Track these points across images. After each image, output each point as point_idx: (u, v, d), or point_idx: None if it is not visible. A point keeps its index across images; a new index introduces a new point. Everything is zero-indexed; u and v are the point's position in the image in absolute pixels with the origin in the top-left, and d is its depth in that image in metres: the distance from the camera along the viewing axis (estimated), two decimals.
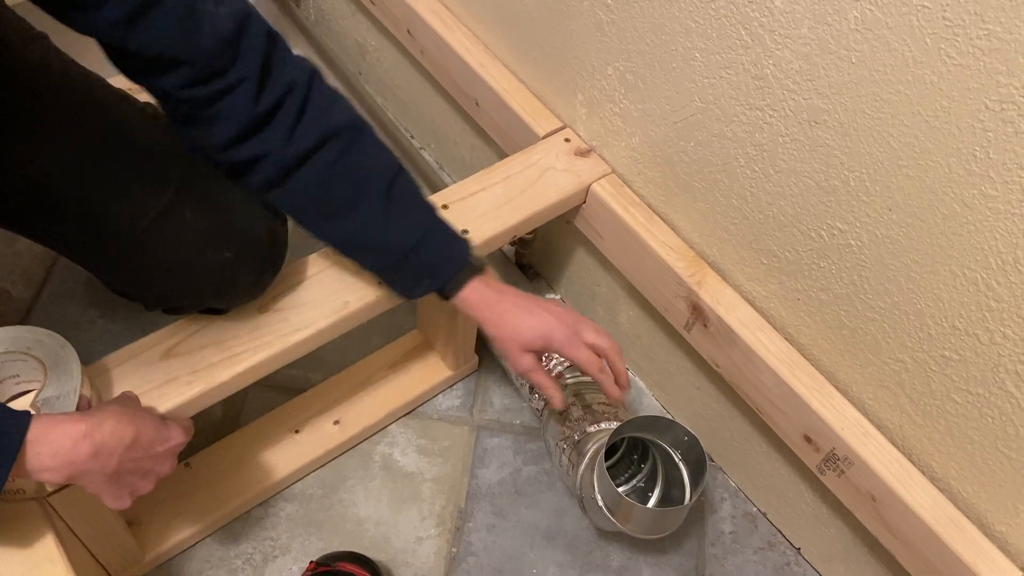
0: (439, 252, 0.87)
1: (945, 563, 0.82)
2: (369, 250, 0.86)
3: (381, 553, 1.05)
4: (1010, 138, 0.64)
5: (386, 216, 0.83)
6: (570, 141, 1.10)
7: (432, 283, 0.87)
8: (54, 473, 0.66)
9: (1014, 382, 0.74)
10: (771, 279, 0.94)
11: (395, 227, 0.84)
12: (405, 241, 0.84)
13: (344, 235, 0.85)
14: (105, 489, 0.71)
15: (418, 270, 0.86)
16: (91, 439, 0.67)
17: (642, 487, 1.11)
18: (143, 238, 0.81)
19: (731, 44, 0.83)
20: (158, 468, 0.76)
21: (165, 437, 0.75)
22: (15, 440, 0.64)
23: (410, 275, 0.87)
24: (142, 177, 0.82)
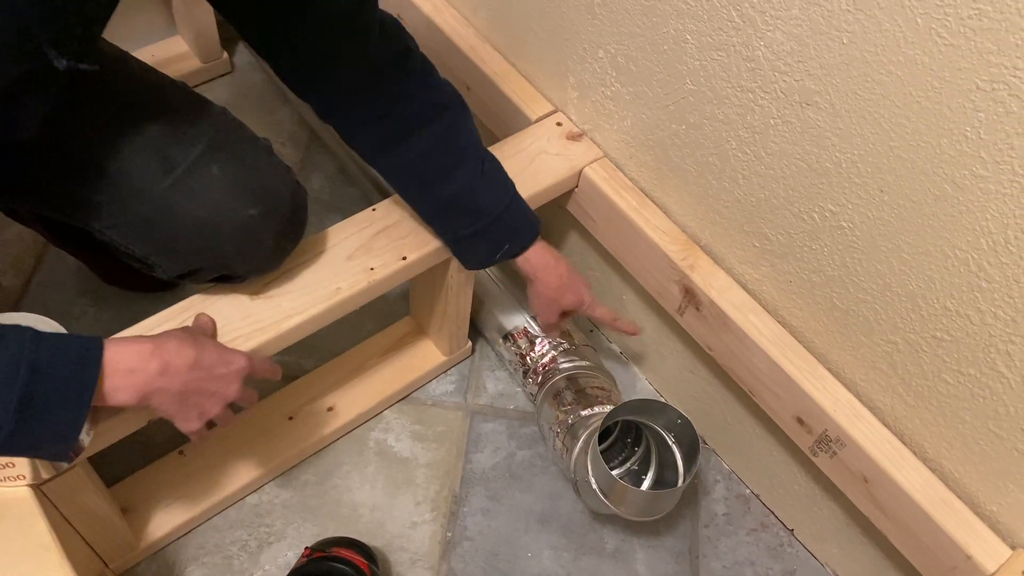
0: (522, 218, 0.96)
1: (937, 542, 0.83)
2: (463, 214, 0.93)
3: (376, 538, 1.05)
4: (1001, 118, 0.64)
5: (483, 181, 0.93)
6: (562, 125, 1.10)
7: (511, 248, 0.96)
8: (128, 392, 0.68)
9: (1005, 362, 0.74)
10: (763, 262, 0.94)
11: (489, 192, 0.93)
12: (495, 206, 0.93)
13: (443, 200, 0.92)
14: (175, 409, 0.74)
15: (502, 235, 0.95)
16: (158, 356, 0.70)
17: (636, 470, 1.11)
18: (169, 193, 0.82)
19: (722, 26, 0.82)
20: (224, 390, 0.77)
21: (228, 360, 0.77)
22: (94, 363, 0.65)
23: (494, 240, 0.95)
24: (170, 136, 0.83)
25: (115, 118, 0.83)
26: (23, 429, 0.62)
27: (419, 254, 0.94)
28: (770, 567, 1.09)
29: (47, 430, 0.65)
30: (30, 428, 0.63)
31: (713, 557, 1.09)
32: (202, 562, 1.02)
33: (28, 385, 0.61)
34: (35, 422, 0.63)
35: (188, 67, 1.49)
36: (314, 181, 1.42)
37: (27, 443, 0.65)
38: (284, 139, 1.47)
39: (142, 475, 1.04)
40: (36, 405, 0.62)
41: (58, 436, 0.66)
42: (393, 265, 0.93)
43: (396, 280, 0.95)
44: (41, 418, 0.63)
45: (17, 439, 0.63)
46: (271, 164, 0.89)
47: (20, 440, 0.63)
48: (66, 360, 0.65)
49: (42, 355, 0.63)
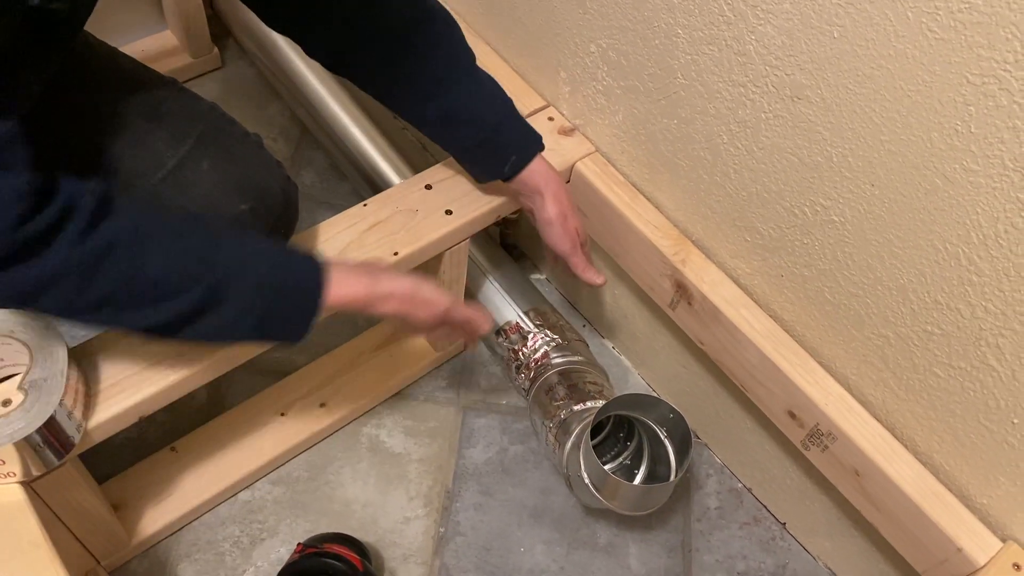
0: (523, 129, 0.94)
1: (928, 535, 0.83)
2: (464, 125, 0.92)
3: (369, 534, 1.05)
4: (991, 112, 0.65)
5: (481, 92, 0.92)
6: (553, 120, 1.10)
7: (518, 159, 0.93)
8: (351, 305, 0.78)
9: (995, 355, 0.74)
10: (755, 256, 0.94)
11: (488, 103, 0.92)
12: (496, 115, 0.92)
13: (442, 112, 0.91)
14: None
15: (506, 145, 0.93)
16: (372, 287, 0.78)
17: (628, 464, 1.11)
18: (160, 188, 0.82)
19: (713, 20, 0.82)
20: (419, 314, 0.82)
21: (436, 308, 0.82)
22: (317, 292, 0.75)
23: (500, 151, 0.93)
24: (162, 131, 0.83)
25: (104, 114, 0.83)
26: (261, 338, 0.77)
27: (411, 249, 0.94)
28: (762, 561, 1.09)
29: (284, 336, 0.77)
30: (268, 336, 0.76)
31: (705, 551, 1.09)
32: (194, 559, 1.01)
33: (260, 317, 0.73)
34: (271, 335, 0.76)
35: (178, 62, 1.48)
36: (305, 176, 1.42)
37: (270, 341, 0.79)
38: (275, 134, 1.46)
39: (134, 472, 1.03)
40: (268, 326, 0.74)
41: (294, 335, 0.76)
42: (384, 260, 0.93)
43: None
44: (276, 333, 0.76)
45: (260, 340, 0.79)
46: (262, 159, 0.89)
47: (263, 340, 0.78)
48: (289, 311, 0.75)
49: (276, 295, 0.74)
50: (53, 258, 0.64)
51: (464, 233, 0.99)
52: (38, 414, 0.71)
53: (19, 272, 0.63)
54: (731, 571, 1.08)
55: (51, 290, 0.65)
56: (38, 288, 0.64)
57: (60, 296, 0.65)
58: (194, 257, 0.71)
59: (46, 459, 0.75)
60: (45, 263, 0.63)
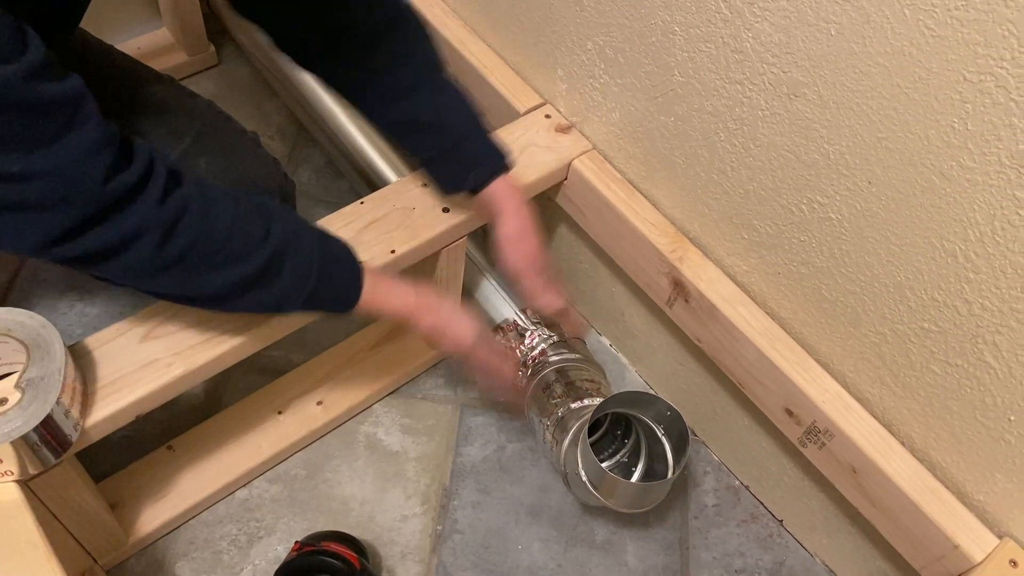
0: (491, 143, 0.92)
1: (924, 532, 0.83)
2: (429, 132, 0.90)
3: (366, 532, 1.05)
4: (988, 109, 0.65)
5: (449, 101, 0.90)
6: (551, 117, 1.10)
7: (483, 171, 0.91)
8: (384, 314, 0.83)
9: (992, 353, 0.75)
10: (752, 254, 0.94)
11: (456, 111, 0.90)
12: (462, 127, 0.90)
13: (410, 115, 0.89)
14: None
15: (469, 157, 0.91)
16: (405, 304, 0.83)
17: (625, 462, 1.11)
18: None
19: (710, 17, 0.82)
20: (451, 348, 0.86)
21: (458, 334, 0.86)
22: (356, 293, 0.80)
23: (462, 162, 0.91)
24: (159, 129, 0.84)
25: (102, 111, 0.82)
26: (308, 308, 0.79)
27: (408, 247, 0.94)
28: (760, 558, 1.09)
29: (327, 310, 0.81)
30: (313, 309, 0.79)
31: (703, 548, 1.10)
32: (191, 557, 1.01)
33: (315, 284, 0.77)
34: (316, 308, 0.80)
35: (174, 60, 1.48)
36: (302, 174, 1.41)
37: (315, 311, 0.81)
38: (272, 132, 1.46)
39: (131, 470, 1.03)
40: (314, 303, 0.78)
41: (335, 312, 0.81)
42: (382, 258, 0.93)
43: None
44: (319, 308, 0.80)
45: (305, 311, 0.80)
46: (258, 157, 0.89)
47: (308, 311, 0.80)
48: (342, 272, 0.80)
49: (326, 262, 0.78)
50: (140, 212, 0.66)
51: (461, 231, 0.99)
52: (35, 413, 0.71)
53: (108, 227, 0.65)
54: (728, 568, 1.08)
55: (136, 243, 0.67)
56: (123, 244, 0.67)
57: (143, 251, 0.68)
58: (256, 223, 0.74)
59: (43, 458, 0.75)
60: (133, 216, 0.66)
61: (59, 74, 0.62)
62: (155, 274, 0.70)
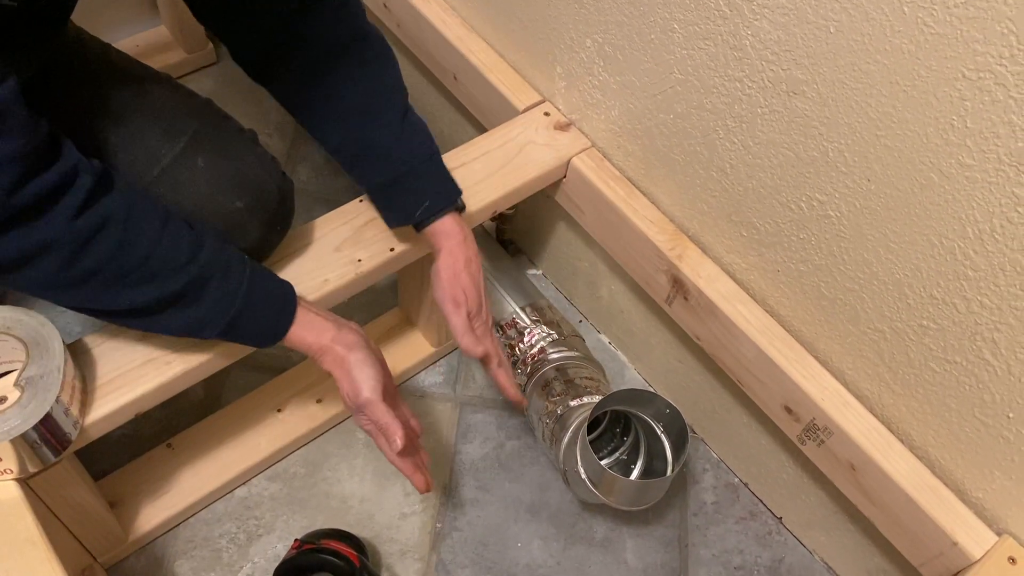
0: (442, 179, 0.90)
1: (923, 529, 0.83)
2: (381, 159, 0.87)
3: (365, 530, 1.05)
4: (987, 107, 0.65)
5: (402, 129, 0.87)
6: (550, 115, 1.10)
7: (432, 206, 0.88)
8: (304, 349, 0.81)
9: (991, 350, 0.75)
10: (751, 251, 0.94)
11: (408, 141, 0.88)
12: (415, 156, 0.87)
13: (360, 140, 0.87)
14: None
15: (422, 188, 0.88)
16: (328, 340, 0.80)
17: (625, 459, 1.11)
18: (154, 186, 0.82)
19: (709, 15, 0.82)
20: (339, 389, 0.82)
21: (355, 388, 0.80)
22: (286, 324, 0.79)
23: (413, 193, 0.88)
24: (156, 128, 0.83)
25: (98, 111, 0.82)
26: (228, 339, 0.77)
27: (407, 245, 0.94)
28: (759, 555, 1.10)
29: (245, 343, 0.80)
30: (232, 339, 0.78)
31: (702, 545, 1.10)
32: (191, 555, 1.01)
33: (236, 314, 0.75)
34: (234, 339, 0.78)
35: (172, 58, 1.48)
36: (301, 172, 1.41)
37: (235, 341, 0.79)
38: (270, 130, 1.46)
39: (130, 469, 1.03)
40: (236, 332, 0.77)
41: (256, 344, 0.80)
42: (381, 256, 0.93)
43: (384, 271, 0.94)
44: (238, 339, 0.78)
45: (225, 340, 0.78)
46: (257, 156, 0.88)
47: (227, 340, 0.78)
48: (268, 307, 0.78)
49: (253, 295, 0.76)
50: (48, 227, 0.64)
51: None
52: (34, 411, 0.71)
53: (11, 238, 0.63)
54: (727, 565, 1.08)
55: (40, 259, 0.65)
56: (26, 256, 0.65)
57: (48, 267, 0.66)
58: (182, 247, 0.72)
59: (42, 456, 0.75)
60: (39, 231, 0.64)
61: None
62: (66, 288, 0.68)
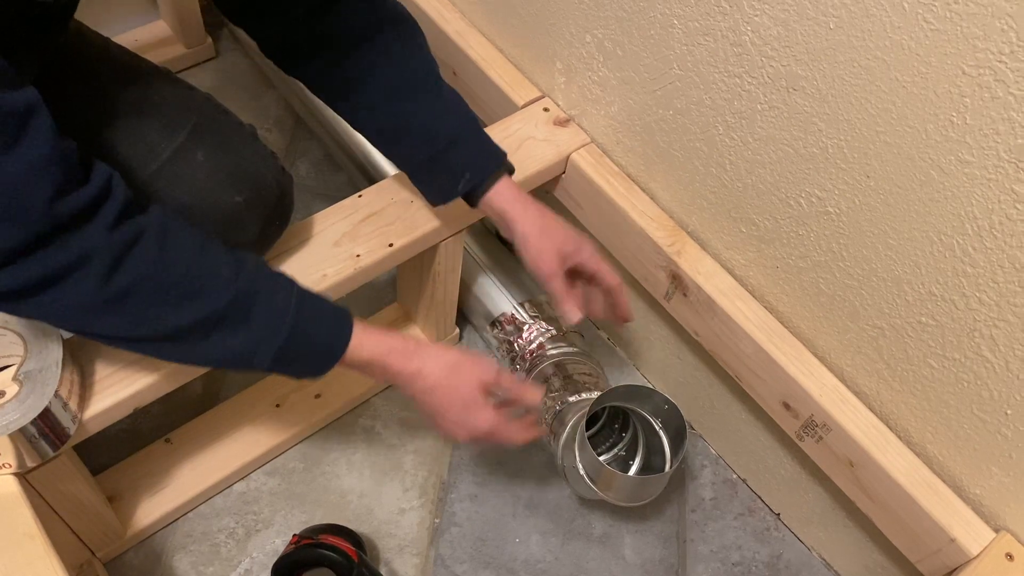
0: (484, 147, 0.88)
1: (921, 525, 0.83)
2: (418, 136, 0.86)
3: (364, 525, 1.05)
4: (986, 103, 0.65)
5: (438, 106, 0.86)
6: (549, 111, 1.09)
7: (473, 177, 0.87)
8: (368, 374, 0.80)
9: (989, 347, 0.75)
10: (750, 248, 0.94)
11: (444, 117, 0.86)
12: (453, 131, 0.86)
13: (396, 118, 0.86)
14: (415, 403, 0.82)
15: (461, 162, 0.87)
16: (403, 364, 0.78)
17: (623, 455, 1.11)
18: (153, 180, 0.82)
19: (709, 10, 0.82)
20: (453, 431, 0.82)
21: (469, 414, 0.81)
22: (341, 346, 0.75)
23: (453, 167, 0.87)
24: (155, 122, 0.83)
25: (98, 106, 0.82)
26: (277, 368, 0.73)
27: (406, 240, 0.94)
28: (757, 551, 1.10)
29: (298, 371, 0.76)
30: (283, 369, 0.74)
31: (700, 541, 1.10)
32: (189, 550, 1.01)
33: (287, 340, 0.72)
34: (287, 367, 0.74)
35: (172, 52, 1.48)
36: (300, 167, 1.41)
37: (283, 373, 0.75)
38: (270, 125, 1.46)
39: (129, 463, 1.03)
40: (289, 356, 0.73)
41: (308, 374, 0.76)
42: (380, 251, 0.93)
43: (383, 267, 0.94)
44: (291, 365, 0.74)
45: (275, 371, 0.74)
46: (256, 150, 0.88)
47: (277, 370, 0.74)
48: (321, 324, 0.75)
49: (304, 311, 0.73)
50: (87, 238, 0.62)
51: (460, 224, 0.99)
52: (33, 405, 0.71)
53: (50, 252, 0.61)
54: (726, 561, 1.09)
55: (77, 274, 0.62)
56: (66, 270, 0.62)
57: (83, 284, 0.63)
58: (222, 261, 0.70)
59: (41, 450, 0.75)
60: (77, 243, 0.61)
61: (12, 83, 0.58)
62: (99, 310, 0.64)
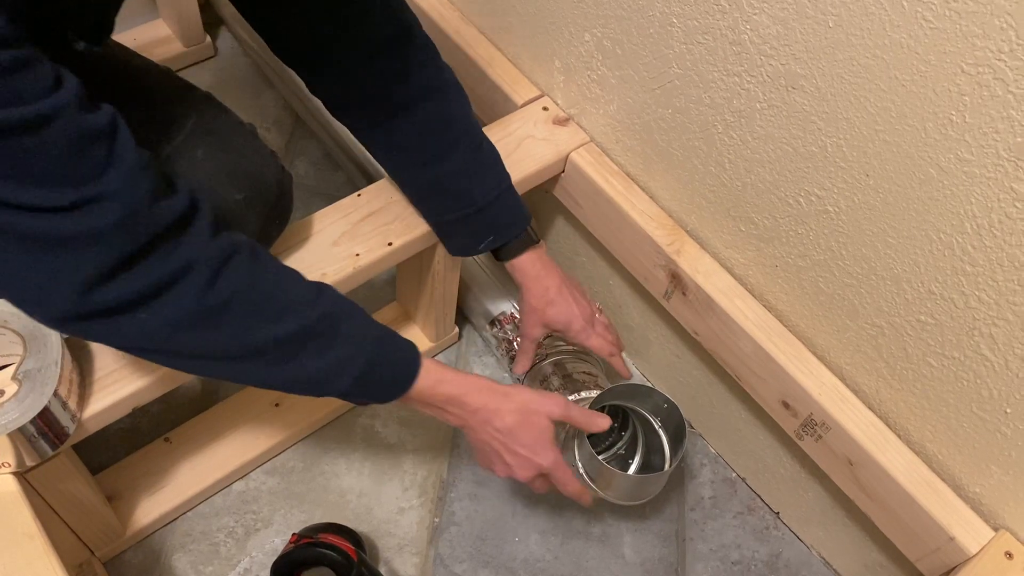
0: (510, 213, 0.94)
1: (920, 524, 0.83)
2: (451, 197, 0.91)
3: (364, 524, 1.05)
4: (985, 102, 0.65)
5: (474, 168, 0.91)
6: (548, 110, 1.09)
7: (495, 240, 0.94)
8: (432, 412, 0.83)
9: (989, 345, 0.75)
10: (749, 246, 0.94)
11: (479, 180, 0.91)
12: (485, 194, 0.91)
13: (431, 179, 0.91)
14: (473, 444, 0.87)
15: (487, 225, 0.93)
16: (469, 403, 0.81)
17: (622, 454, 1.11)
18: None
19: (708, 9, 0.82)
20: (517, 470, 0.86)
21: (533, 452, 0.85)
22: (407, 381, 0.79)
23: (478, 229, 0.93)
24: (154, 121, 0.83)
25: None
26: (354, 392, 0.76)
27: (405, 240, 0.94)
28: (756, 550, 1.10)
29: (371, 396, 0.79)
30: (361, 394, 0.77)
31: (700, 540, 1.10)
32: (189, 549, 1.01)
33: (365, 368, 0.74)
34: (363, 394, 0.77)
35: (171, 51, 1.48)
36: (299, 166, 1.41)
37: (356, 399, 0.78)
38: (269, 124, 1.46)
39: (128, 462, 1.03)
40: (365, 384, 0.76)
41: (378, 399, 0.79)
42: (379, 251, 0.93)
43: (382, 266, 0.94)
44: (368, 389, 0.77)
45: (348, 396, 0.76)
46: (256, 149, 0.88)
47: (352, 395, 0.76)
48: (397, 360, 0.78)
49: (382, 344, 0.77)
50: (189, 246, 0.63)
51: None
52: (32, 404, 0.71)
53: (155, 260, 0.61)
54: (725, 560, 1.09)
55: (181, 283, 0.62)
56: (171, 280, 0.62)
57: (186, 294, 0.63)
58: (303, 282, 0.73)
59: (40, 450, 0.75)
60: (182, 250, 0.62)
61: (95, 105, 0.60)
62: (197, 323, 0.64)
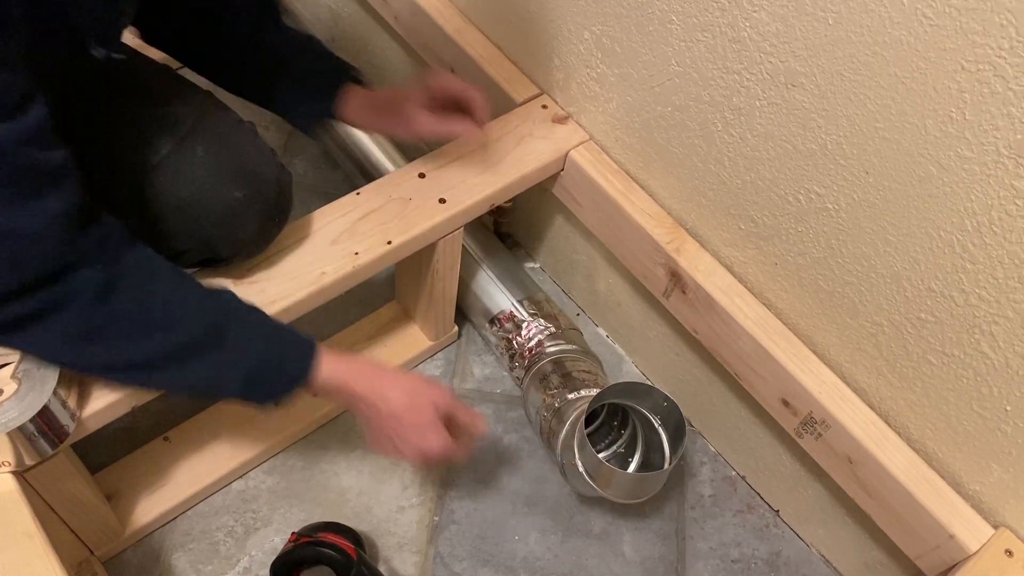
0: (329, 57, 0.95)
1: (920, 522, 0.83)
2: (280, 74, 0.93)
3: (363, 523, 1.05)
4: (985, 99, 0.64)
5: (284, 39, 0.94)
6: (547, 108, 1.09)
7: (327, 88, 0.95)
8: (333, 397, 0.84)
9: (989, 343, 0.75)
10: (749, 244, 0.94)
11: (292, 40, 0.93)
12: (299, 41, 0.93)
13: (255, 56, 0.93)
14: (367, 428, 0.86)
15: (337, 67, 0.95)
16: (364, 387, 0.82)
17: (622, 453, 1.11)
18: (154, 174, 0.82)
19: (708, 6, 0.82)
20: (406, 451, 0.85)
21: (422, 436, 0.84)
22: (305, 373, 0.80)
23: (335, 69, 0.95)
24: (154, 118, 0.84)
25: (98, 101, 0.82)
26: (252, 392, 0.78)
27: (404, 238, 0.94)
28: (756, 548, 1.10)
29: (266, 395, 0.80)
30: (257, 393, 0.79)
31: (699, 538, 1.10)
32: (188, 548, 1.01)
33: (254, 368, 0.77)
34: (260, 392, 0.79)
35: None
36: (298, 165, 1.41)
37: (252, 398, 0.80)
38: (267, 122, 1.46)
39: (127, 462, 1.03)
40: (257, 383, 0.78)
41: (275, 397, 0.80)
42: (378, 249, 0.92)
43: (381, 264, 0.94)
44: (260, 389, 0.79)
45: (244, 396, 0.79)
46: (255, 146, 0.88)
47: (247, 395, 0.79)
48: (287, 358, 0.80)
49: (271, 345, 0.79)
50: (79, 277, 0.68)
51: (458, 222, 0.98)
52: (32, 403, 0.70)
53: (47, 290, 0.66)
54: (725, 558, 1.09)
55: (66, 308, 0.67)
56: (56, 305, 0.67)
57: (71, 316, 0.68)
58: (197, 295, 0.76)
59: (40, 449, 0.75)
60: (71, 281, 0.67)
61: (51, 143, 0.64)
62: (85, 339, 0.70)
